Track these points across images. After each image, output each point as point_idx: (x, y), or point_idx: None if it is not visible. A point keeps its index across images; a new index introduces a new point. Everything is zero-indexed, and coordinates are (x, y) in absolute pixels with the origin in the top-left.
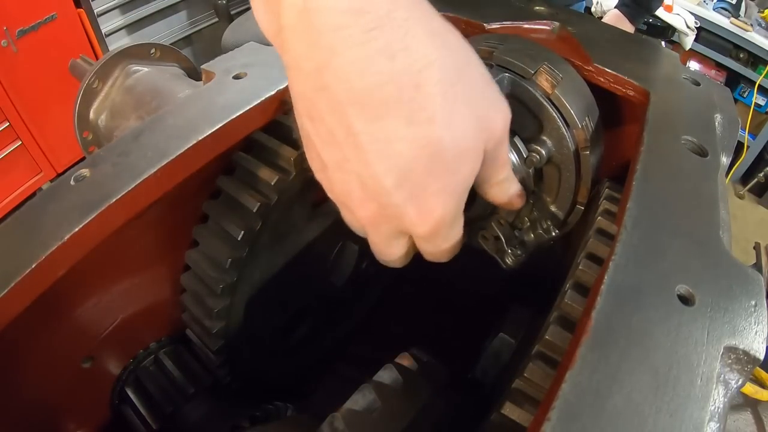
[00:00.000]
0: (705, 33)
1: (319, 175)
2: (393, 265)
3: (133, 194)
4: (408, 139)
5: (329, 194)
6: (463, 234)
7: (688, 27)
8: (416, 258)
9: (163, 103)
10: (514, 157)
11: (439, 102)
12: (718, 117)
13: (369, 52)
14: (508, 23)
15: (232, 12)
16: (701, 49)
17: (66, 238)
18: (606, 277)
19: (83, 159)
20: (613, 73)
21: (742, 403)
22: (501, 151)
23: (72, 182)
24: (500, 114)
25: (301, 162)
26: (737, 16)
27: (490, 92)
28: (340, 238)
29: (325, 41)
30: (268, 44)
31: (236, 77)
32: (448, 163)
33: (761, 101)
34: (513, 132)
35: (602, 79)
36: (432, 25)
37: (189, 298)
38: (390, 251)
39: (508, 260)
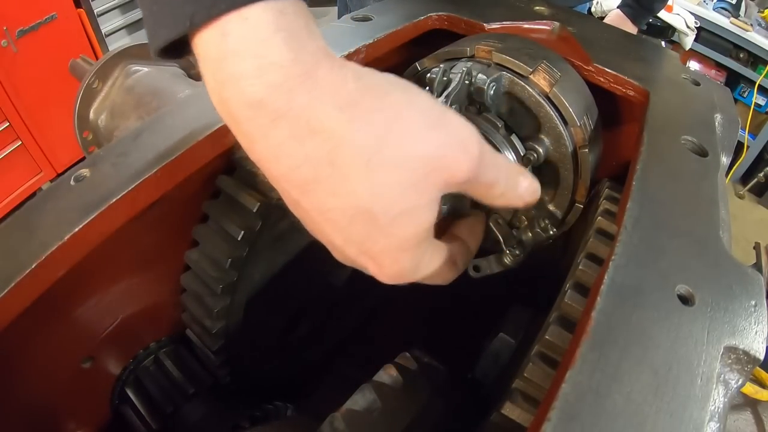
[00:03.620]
0: (705, 33)
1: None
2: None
3: (133, 194)
4: (338, 210)
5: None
6: (457, 261)
7: (688, 27)
8: None
9: (163, 103)
10: (510, 155)
11: (358, 174)
12: (718, 117)
13: (278, 139)
14: (508, 23)
15: None
16: (701, 49)
17: (66, 238)
18: (606, 277)
19: (83, 159)
20: (613, 73)
21: (742, 403)
22: (477, 181)
23: (72, 182)
24: (456, 152)
25: None
26: (737, 16)
27: (436, 137)
28: None
29: (242, 129)
30: None
31: None
32: (385, 227)
33: (761, 101)
34: (510, 130)
35: (602, 79)
36: (339, 97)
37: (189, 298)
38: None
39: (507, 260)
